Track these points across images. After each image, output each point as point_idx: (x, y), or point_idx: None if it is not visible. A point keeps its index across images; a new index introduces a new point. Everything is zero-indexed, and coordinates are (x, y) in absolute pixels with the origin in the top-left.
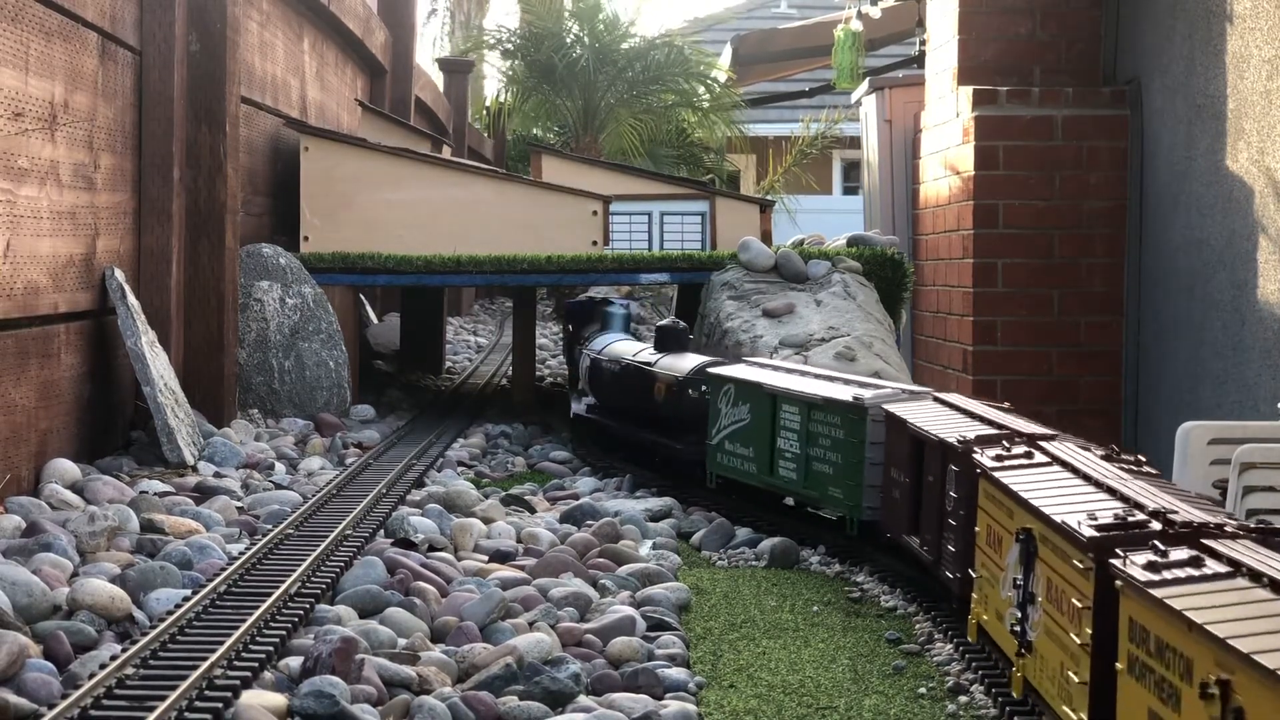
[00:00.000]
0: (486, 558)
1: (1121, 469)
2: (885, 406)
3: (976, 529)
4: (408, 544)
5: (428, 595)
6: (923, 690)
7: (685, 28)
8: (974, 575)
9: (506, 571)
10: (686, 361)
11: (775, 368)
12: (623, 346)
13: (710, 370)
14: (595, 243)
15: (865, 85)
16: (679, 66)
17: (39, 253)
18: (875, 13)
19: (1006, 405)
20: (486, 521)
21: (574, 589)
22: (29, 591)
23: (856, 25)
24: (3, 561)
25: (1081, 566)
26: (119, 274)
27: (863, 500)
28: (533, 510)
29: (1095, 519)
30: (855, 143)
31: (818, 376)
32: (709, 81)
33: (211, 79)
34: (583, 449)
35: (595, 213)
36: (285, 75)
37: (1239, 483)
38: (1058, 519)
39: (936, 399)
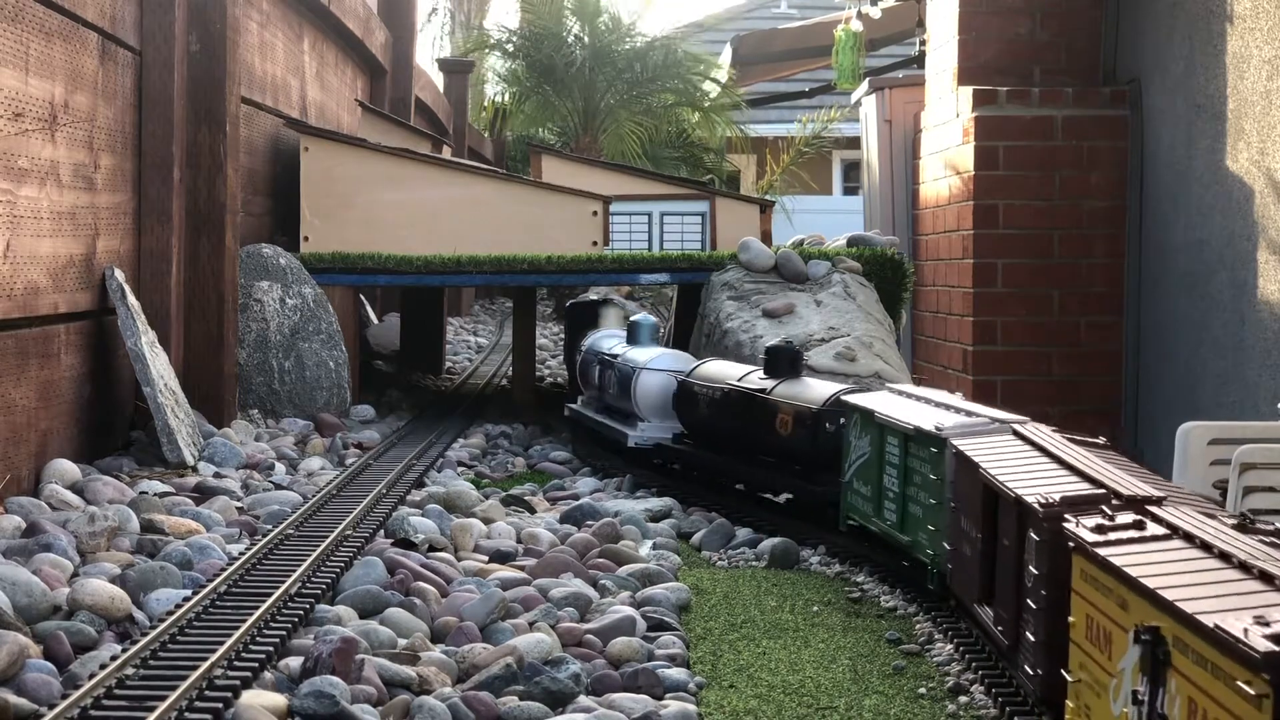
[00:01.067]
0: (486, 558)
1: (1269, 543)
2: (955, 442)
3: (1071, 619)
4: (408, 544)
5: (428, 595)
6: (923, 690)
7: (686, 28)
8: (1068, 678)
9: (506, 572)
10: (817, 389)
11: (910, 395)
12: (716, 369)
13: (845, 399)
14: (595, 243)
15: (865, 85)
16: (679, 66)
17: (39, 253)
18: (875, 13)
19: (1102, 441)
20: (486, 522)
21: (574, 589)
22: (29, 592)
23: (857, 25)
24: (3, 561)
25: (1252, 691)
26: (119, 274)
27: (944, 549)
28: (533, 510)
29: (1266, 623)
30: (855, 143)
31: (937, 404)
32: (709, 81)
33: (211, 79)
34: (584, 453)
35: (595, 213)
36: (285, 75)
37: (1239, 483)
38: (1206, 620)
39: (1018, 434)
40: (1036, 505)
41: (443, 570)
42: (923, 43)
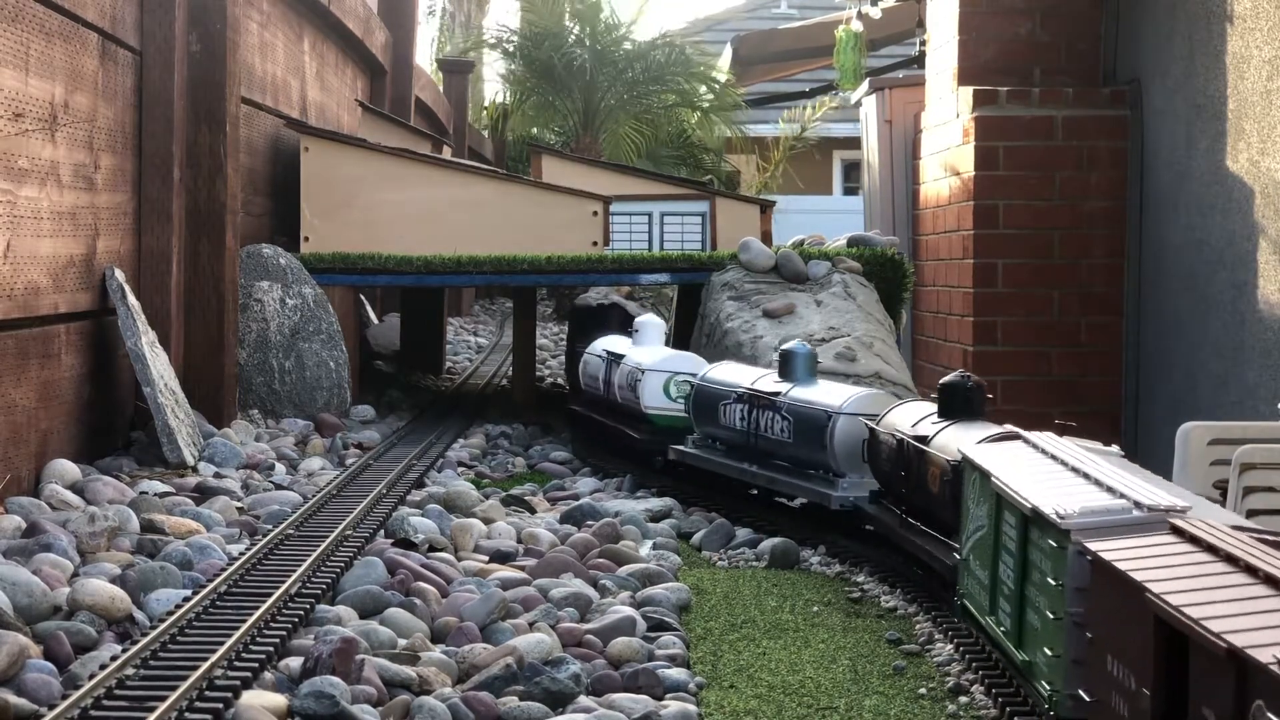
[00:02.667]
0: (486, 558)
1: None
2: (1086, 541)
3: None
4: (408, 544)
5: (428, 595)
6: (923, 690)
7: (685, 28)
8: None
9: (506, 572)
10: (971, 433)
11: (1045, 450)
12: (900, 413)
13: (968, 452)
14: (595, 243)
15: (865, 85)
16: (679, 67)
17: (39, 253)
18: (875, 13)
19: None
20: (486, 522)
21: (574, 589)
22: (29, 592)
23: (857, 26)
24: (3, 562)
25: None
26: (119, 274)
27: (1064, 682)
28: (533, 510)
29: None
30: (855, 143)
31: (1074, 469)
32: (709, 82)
33: (212, 79)
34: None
35: (595, 213)
36: (285, 76)
37: (1239, 483)
38: None
39: (1181, 532)
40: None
41: (443, 570)
42: (923, 43)
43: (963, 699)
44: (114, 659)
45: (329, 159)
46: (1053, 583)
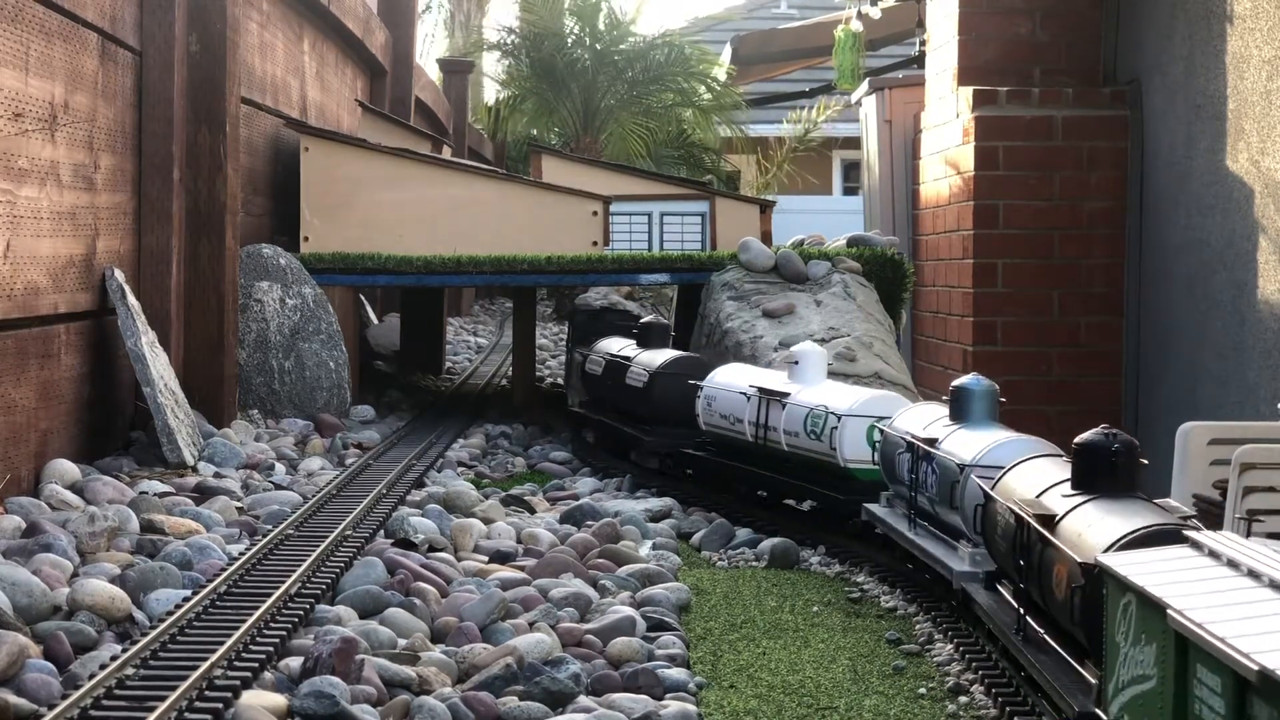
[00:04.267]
0: (486, 558)
1: None
2: None
3: None
4: (408, 544)
5: (428, 596)
6: (923, 690)
7: (685, 27)
8: None
9: (506, 572)
10: (1116, 519)
11: (1244, 569)
12: (1027, 478)
13: (1108, 563)
14: (595, 243)
15: (865, 85)
16: (679, 66)
17: (39, 253)
18: (875, 13)
19: None
20: (486, 522)
21: (574, 589)
22: (29, 592)
23: (856, 26)
24: (3, 562)
25: None
26: (119, 274)
27: None
28: (533, 510)
29: None
30: (855, 143)
31: None
32: (709, 81)
33: (211, 79)
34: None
35: (595, 213)
36: (285, 76)
37: (1239, 483)
38: None
39: None
40: None
41: (443, 570)
42: (923, 43)
43: (962, 699)
44: (114, 659)
45: (329, 159)
46: None
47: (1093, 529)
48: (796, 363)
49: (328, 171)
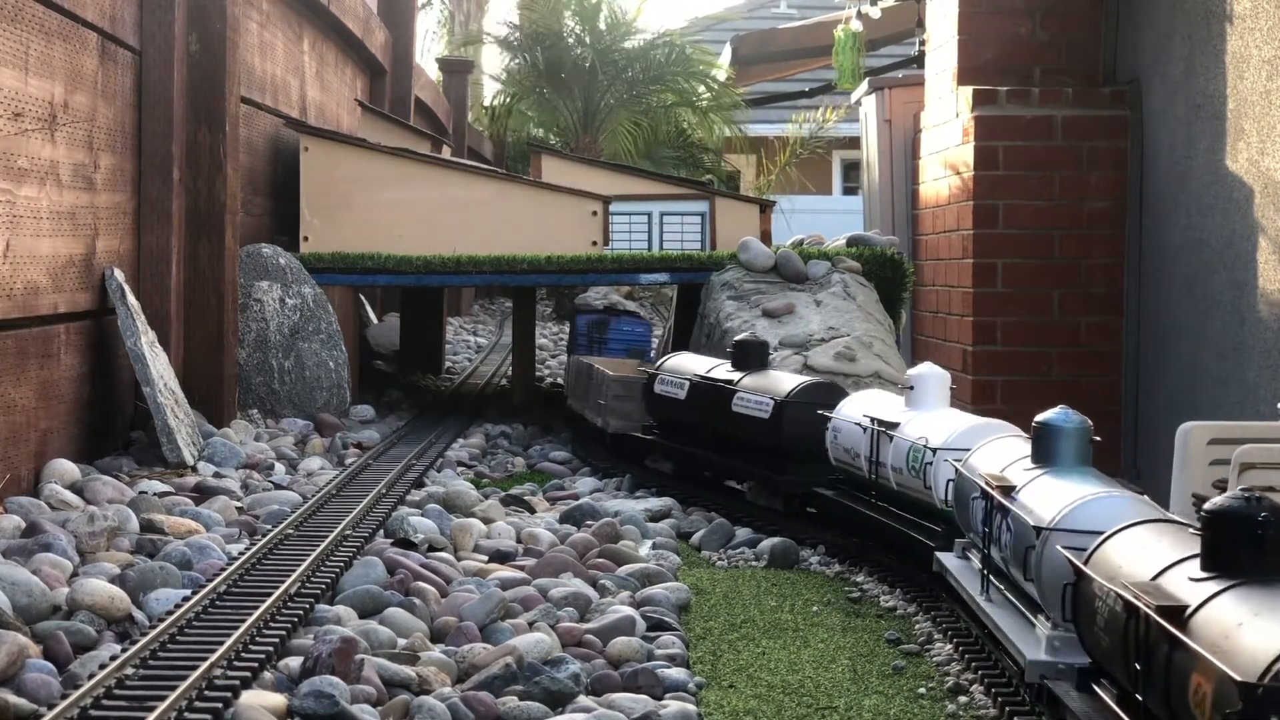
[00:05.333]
0: (486, 558)
1: None
2: None
3: None
4: (407, 544)
5: (427, 595)
6: (922, 690)
7: (685, 27)
8: None
9: (506, 571)
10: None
11: None
12: (1140, 547)
13: None
14: (595, 243)
15: (865, 85)
16: (679, 66)
17: (39, 253)
18: (875, 13)
19: None
20: (486, 521)
21: (574, 589)
22: (29, 591)
23: (856, 25)
24: (3, 561)
25: None
26: (119, 274)
27: None
28: (532, 510)
29: None
30: (855, 143)
31: None
32: (709, 81)
33: (211, 79)
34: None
35: (595, 213)
36: (285, 75)
37: (1239, 483)
38: None
39: None
40: None
41: (442, 570)
42: (922, 43)
43: (962, 699)
44: (113, 659)
45: (329, 159)
46: None
47: (1247, 632)
48: (912, 387)
49: (327, 171)
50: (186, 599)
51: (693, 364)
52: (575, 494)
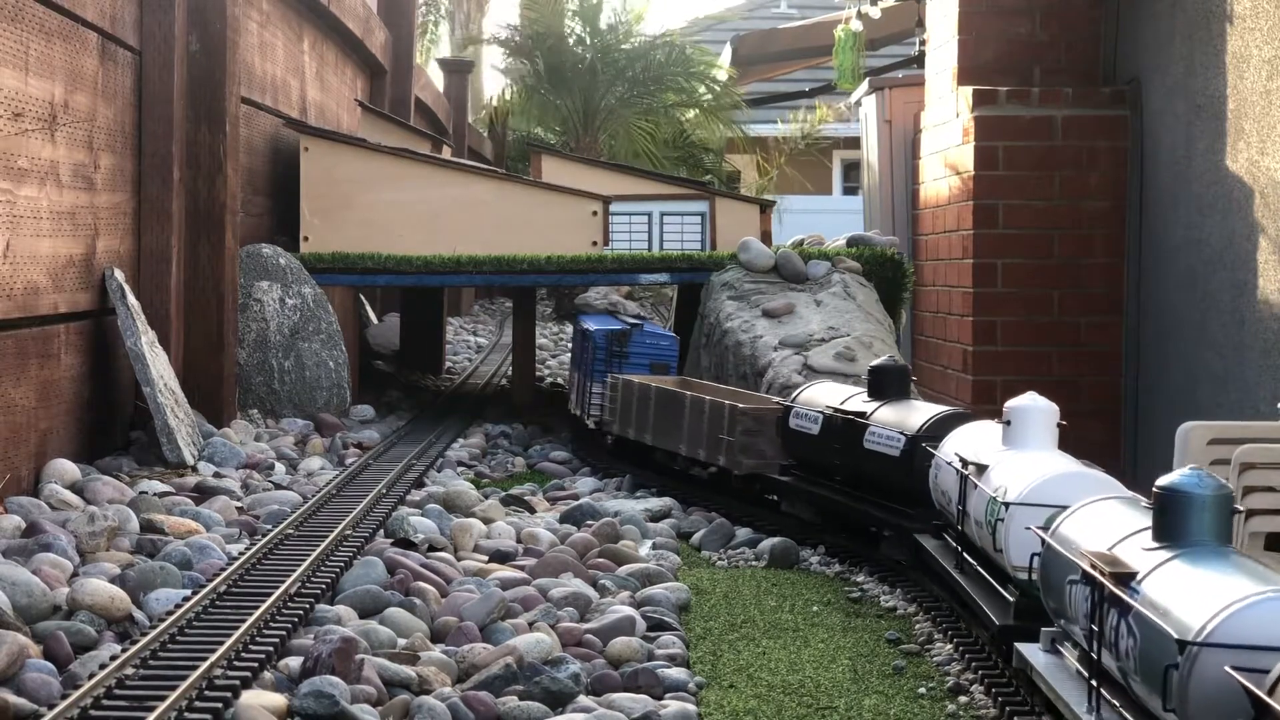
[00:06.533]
0: (486, 558)
1: None
2: None
3: None
4: (408, 544)
5: (428, 595)
6: (922, 690)
7: (686, 28)
8: None
9: (506, 571)
10: None
11: None
12: None
13: None
14: (595, 243)
15: (865, 85)
16: (679, 66)
17: (39, 253)
18: (875, 13)
19: None
20: (486, 521)
21: (574, 589)
22: (29, 591)
23: (856, 25)
24: (3, 561)
25: None
26: (119, 274)
27: None
28: (533, 510)
29: None
30: (855, 143)
31: None
32: (709, 81)
33: (211, 79)
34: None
35: (595, 213)
36: (285, 75)
37: (1239, 483)
38: None
39: None
40: None
41: (443, 570)
42: (923, 43)
43: (962, 699)
44: (113, 659)
45: (329, 159)
46: None
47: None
48: (1009, 422)
49: (327, 171)
50: (186, 599)
51: (826, 395)
52: (575, 494)
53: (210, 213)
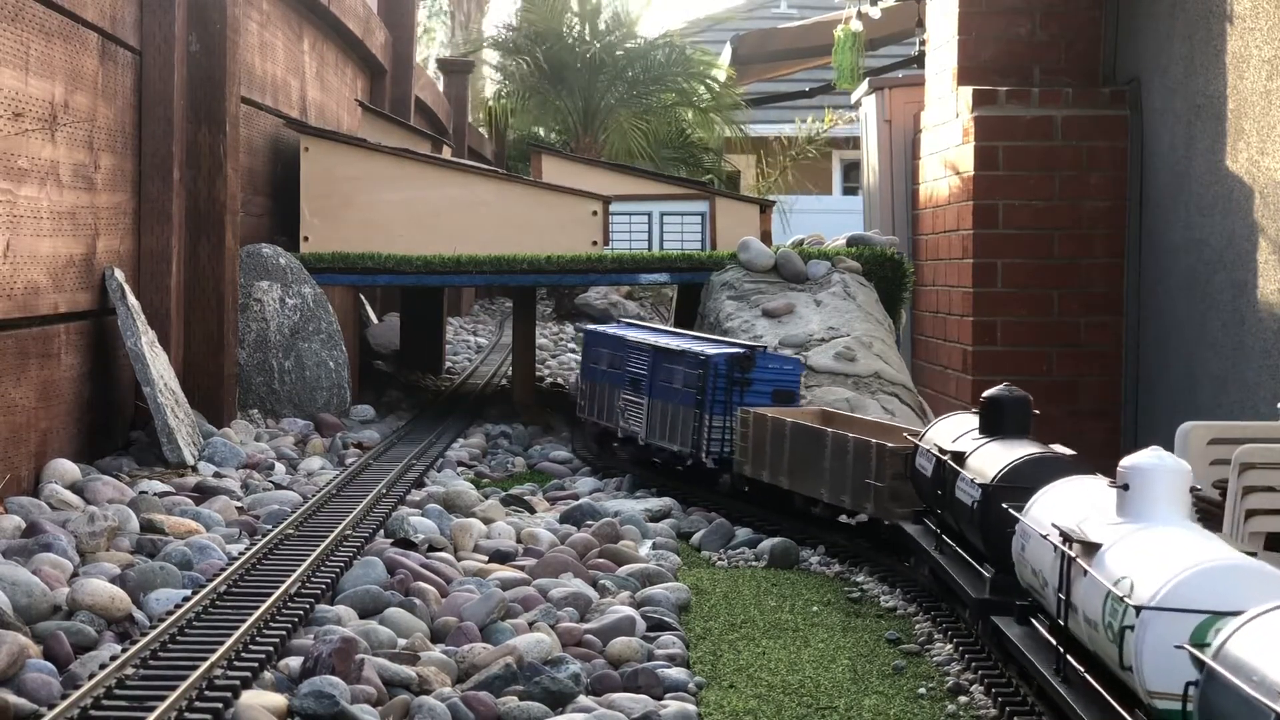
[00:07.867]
0: (486, 558)
1: None
2: None
3: None
4: (408, 544)
5: (428, 595)
6: (922, 690)
7: (685, 28)
8: None
9: (506, 571)
10: None
11: None
12: None
13: None
14: (595, 243)
15: (865, 85)
16: (679, 66)
17: (39, 253)
18: (875, 13)
19: None
20: (486, 521)
21: (574, 589)
22: (29, 591)
23: (856, 25)
24: (3, 561)
25: None
26: (119, 274)
27: None
28: (533, 510)
29: None
30: (855, 143)
31: None
32: (709, 81)
33: (211, 79)
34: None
35: (595, 213)
36: (285, 75)
37: (1239, 483)
38: None
39: None
40: None
41: (443, 570)
42: (923, 43)
43: (962, 699)
44: (114, 659)
45: (329, 159)
46: None
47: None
48: (1126, 486)
49: (327, 171)
50: (187, 599)
51: (950, 430)
52: (575, 494)
53: (210, 213)
